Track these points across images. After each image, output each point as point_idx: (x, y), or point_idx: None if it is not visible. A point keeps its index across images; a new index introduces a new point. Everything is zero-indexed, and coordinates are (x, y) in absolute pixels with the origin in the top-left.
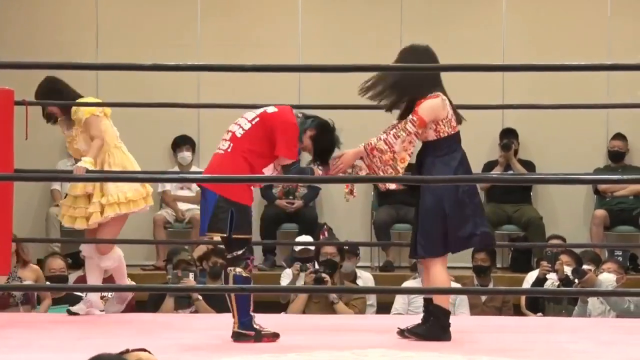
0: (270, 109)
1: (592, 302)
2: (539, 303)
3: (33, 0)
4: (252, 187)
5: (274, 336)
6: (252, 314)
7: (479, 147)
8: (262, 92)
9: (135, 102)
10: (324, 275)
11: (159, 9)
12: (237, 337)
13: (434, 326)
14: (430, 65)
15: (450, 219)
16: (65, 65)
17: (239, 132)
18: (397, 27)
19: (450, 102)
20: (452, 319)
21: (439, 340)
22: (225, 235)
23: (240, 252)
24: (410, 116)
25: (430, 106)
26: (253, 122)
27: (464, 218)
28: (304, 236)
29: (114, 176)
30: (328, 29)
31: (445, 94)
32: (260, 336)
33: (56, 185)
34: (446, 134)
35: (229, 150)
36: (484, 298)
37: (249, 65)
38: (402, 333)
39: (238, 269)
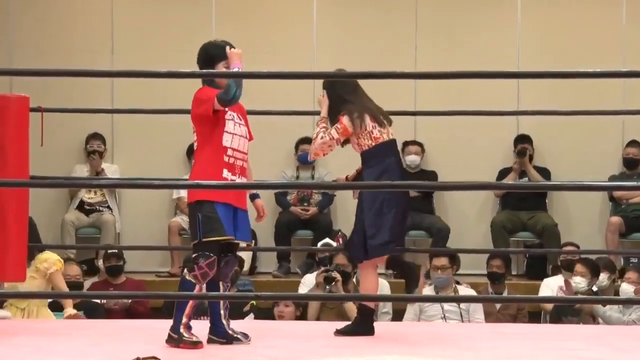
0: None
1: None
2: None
3: (48, 7)
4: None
5: (194, 344)
6: (184, 318)
7: (494, 153)
8: (277, 98)
9: (150, 109)
10: (334, 274)
11: (174, 15)
12: (167, 337)
13: (358, 324)
14: (450, 73)
15: (367, 227)
16: (80, 72)
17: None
18: (412, 34)
19: (374, 112)
20: (467, 326)
21: (362, 335)
22: (196, 241)
23: (194, 255)
24: (337, 124)
25: (349, 119)
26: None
27: (380, 226)
28: (326, 239)
29: (130, 183)
30: (343, 35)
31: (363, 105)
32: (180, 341)
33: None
34: (367, 147)
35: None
36: (498, 306)
37: (265, 73)
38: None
39: (185, 270)
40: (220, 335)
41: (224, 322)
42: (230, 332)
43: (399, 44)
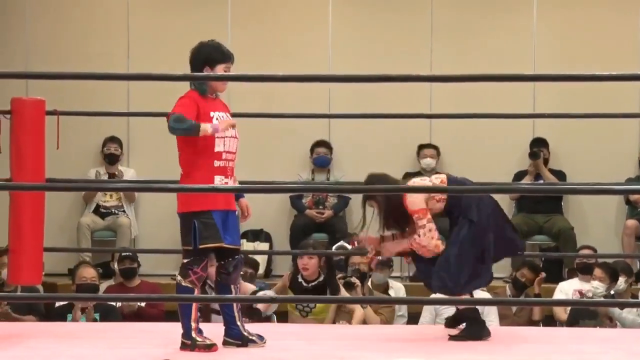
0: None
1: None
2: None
3: (64, 10)
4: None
5: (208, 347)
6: (192, 323)
7: (510, 156)
8: (292, 102)
9: (165, 112)
10: (353, 279)
11: (190, 19)
12: (181, 344)
13: (471, 329)
14: (466, 76)
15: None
16: (96, 75)
17: (179, 149)
18: (428, 37)
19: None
20: None
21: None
22: (190, 247)
23: (186, 260)
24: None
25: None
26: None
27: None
28: (341, 242)
29: (145, 186)
30: (358, 38)
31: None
32: (194, 346)
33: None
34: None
35: (182, 172)
36: (514, 309)
37: (279, 75)
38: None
39: (179, 278)
40: (235, 338)
41: (239, 324)
42: (245, 334)
43: (415, 47)
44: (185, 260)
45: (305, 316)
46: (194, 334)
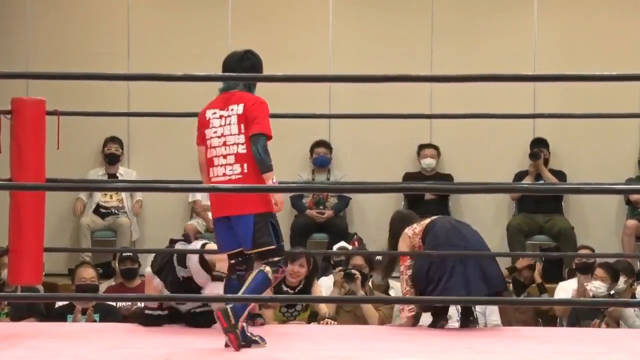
0: (240, 108)
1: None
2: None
3: (65, 11)
4: None
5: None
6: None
7: (510, 156)
8: (292, 102)
9: (166, 112)
10: (353, 271)
11: (191, 20)
12: (223, 313)
13: None
14: (466, 76)
15: None
16: (97, 75)
17: (241, 149)
18: (428, 37)
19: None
20: (483, 329)
21: None
22: (274, 246)
23: (275, 259)
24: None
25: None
26: (242, 132)
27: None
28: (342, 243)
29: (146, 186)
30: (358, 39)
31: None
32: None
33: (81, 195)
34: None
35: (245, 171)
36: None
37: (280, 75)
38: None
39: (268, 268)
40: (242, 338)
41: (244, 324)
42: (249, 334)
43: (415, 47)
44: (275, 258)
45: (292, 320)
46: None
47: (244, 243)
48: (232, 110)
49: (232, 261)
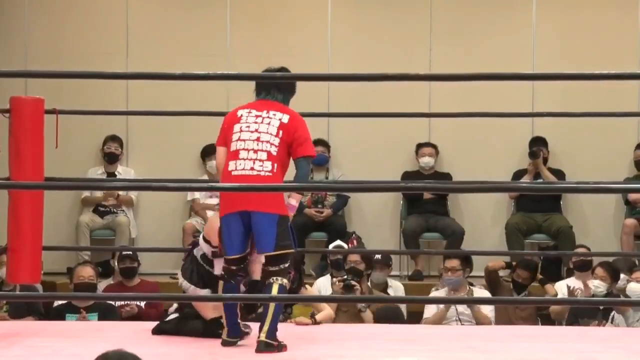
0: (285, 118)
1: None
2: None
3: (63, 10)
4: None
5: (284, 348)
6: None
7: (509, 155)
8: (292, 101)
9: (164, 111)
10: (353, 282)
11: (189, 18)
12: (264, 346)
13: None
14: (465, 75)
15: None
16: (95, 74)
17: (273, 150)
18: (427, 36)
19: None
20: (481, 328)
21: None
22: (292, 250)
23: (287, 265)
24: None
25: None
26: (279, 136)
27: None
28: (338, 241)
29: (144, 185)
30: (357, 38)
31: None
32: (281, 347)
33: (86, 193)
34: None
35: (274, 171)
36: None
37: (278, 74)
38: None
39: (285, 280)
40: (236, 336)
41: (238, 321)
42: (241, 327)
43: (414, 46)
44: (284, 265)
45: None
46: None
47: (264, 243)
48: (274, 115)
49: (234, 267)
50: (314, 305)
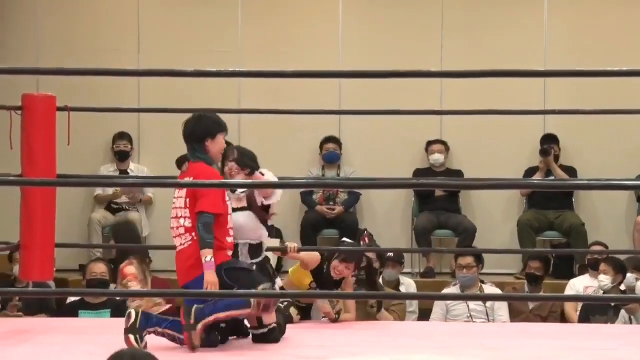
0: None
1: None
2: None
3: (75, 7)
4: None
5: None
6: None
7: (520, 153)
8: (303, 98)
9: (176, 108)
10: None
11: (201, 16)
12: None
13: None
14: (476, 72)
15: None
16: (107, 71)
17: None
18: (438, 33)
19: None
20: (493, 325)
21: None
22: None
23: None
24: None
25: None
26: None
27: None
28: (344, 239)
29: (157, 182)
30: (368, 35)
31: None
32: (191, 328)
33: (99, 191)
34: None
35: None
36: (531, 306)
37: (289, 72)
38: None
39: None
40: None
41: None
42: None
43: (425, 43)
44: None
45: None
46: (201, 325)
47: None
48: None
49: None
50: (345, 303)
